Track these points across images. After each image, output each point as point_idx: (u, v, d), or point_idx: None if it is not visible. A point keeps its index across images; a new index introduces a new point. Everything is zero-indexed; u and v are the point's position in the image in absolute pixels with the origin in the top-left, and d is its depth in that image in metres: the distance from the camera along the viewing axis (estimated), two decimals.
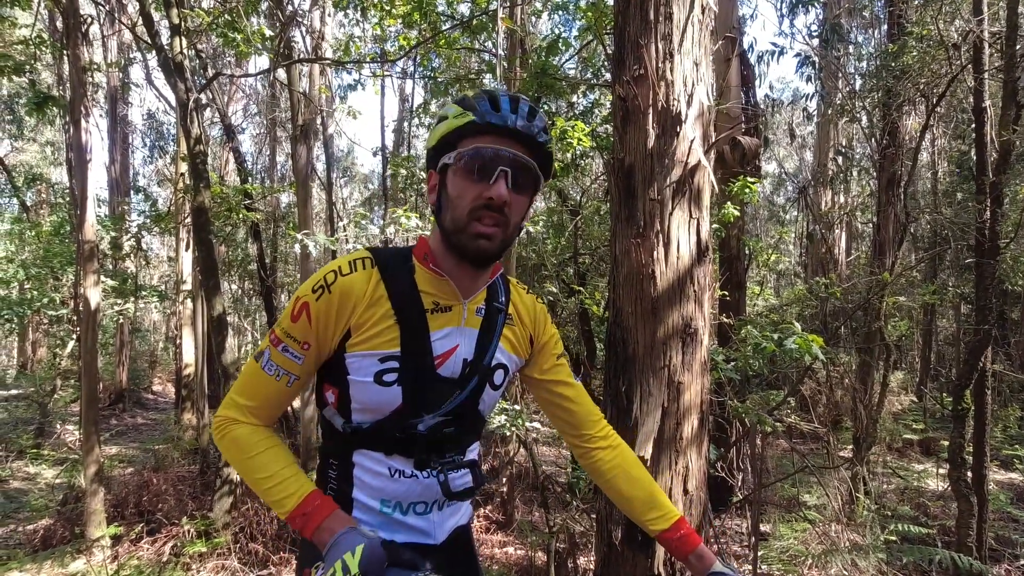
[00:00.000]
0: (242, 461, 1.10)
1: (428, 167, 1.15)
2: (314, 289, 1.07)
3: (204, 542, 4.71)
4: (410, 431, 1.10)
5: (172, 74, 4.30)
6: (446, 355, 1.12)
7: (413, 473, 1.12)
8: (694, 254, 2.33)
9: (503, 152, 1.05)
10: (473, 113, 1.06)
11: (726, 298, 5.95)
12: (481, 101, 1.07)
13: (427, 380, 1.10)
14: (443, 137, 1.09)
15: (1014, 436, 9.62)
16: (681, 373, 2.29)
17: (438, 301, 1.12)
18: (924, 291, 7.09)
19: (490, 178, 1.05)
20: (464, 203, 1.05)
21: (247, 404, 1.12)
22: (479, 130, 1.05)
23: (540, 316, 1.28)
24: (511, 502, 5.88)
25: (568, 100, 7.53)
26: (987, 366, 3.93)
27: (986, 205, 3.44)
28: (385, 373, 1.07)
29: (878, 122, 6.86)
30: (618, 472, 1.28)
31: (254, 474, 1.09)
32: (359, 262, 1.10)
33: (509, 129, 1.06)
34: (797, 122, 16.47)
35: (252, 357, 1.15)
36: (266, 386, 1.11)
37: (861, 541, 4.49)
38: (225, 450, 1.13)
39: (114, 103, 12.61)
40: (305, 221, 5.55)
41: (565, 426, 1.31)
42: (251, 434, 1.11)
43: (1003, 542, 5.03)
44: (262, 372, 1.11)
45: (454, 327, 1.13)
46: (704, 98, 2.41)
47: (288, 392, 1.12)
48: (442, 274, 1.12)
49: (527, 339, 1.25)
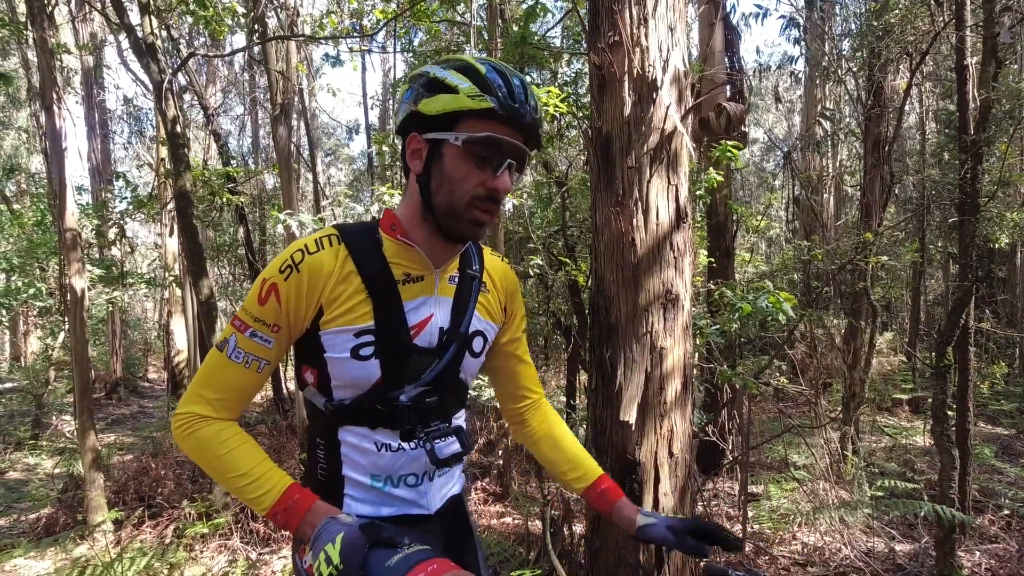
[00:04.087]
0: (211, 461, 1.05)
1: (411, 129, 1.08)
2: (281, 269, 1.04)
3: (205, 523, 4.77)
4: (392, 403, 1.10)
5: (144, 55, 4.21)
6: (421, 325, 1.11)
7: (400, 445, 1.12)
8: (673, 220, 2.34)
9: (516, 145, 1.04)
10: (492, 98, 1.00)
11: (714, 265, 5.97)
12: (497, 84, 1.01)
13: (404, 351, 1.09)
14: (449, 112, 1.01)
15: (1000, 392, 9.80)
16: (663, 338, 2.32)
17: (409, 272, 1.11)
18: (909, 250, 7.15)
19: (497, 169, 1.03)
20: (466, 188, 1.03)
21: (214, 397, 1.07)
22: (493, 116, 1.01)
23: (511, 284, 1.28)
24: (507, 474, 5.97)
25: (551, 70, 7.44)
26: (970, 322, 3.99)
27: (967, 162, 3.45)
28: (361, 348, 1.06)
29: (863, 83, 6.82)
30: (543, 436, 1.35)
31: (226, 474, 1.05)
32: (325, 239, 1.07)
33: (524, 123, 1.03)
34: (785, 86, 16.33)
35: (214, 347, 1.09)
36: (234, 376, 1.07)
37: (849, 498, 4.61)
38: (191, 451, 1.07)
39: (90, 88, 12.35)
40: (289, 202, 5.50)
41: (507, 397, 1.37)
42: (219, 432, 1.06)
43: (987, 493, 5.16)
44: (228, 361, 1.06)
45: (427, 296, 1.12)
46: (680, 63, 2.39)
47: (258, 379, 1.09)
48: (411, 244, 1.10)
49: (500, 305, 1.26)
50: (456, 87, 1.00)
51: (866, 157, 7.00)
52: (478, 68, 1.02)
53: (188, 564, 4.42)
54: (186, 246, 4.81)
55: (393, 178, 8.07)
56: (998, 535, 4.39)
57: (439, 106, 1.01)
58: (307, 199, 14.96)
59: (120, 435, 9.42)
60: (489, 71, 1.02)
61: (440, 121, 1.03)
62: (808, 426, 5.19)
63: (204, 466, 1.07)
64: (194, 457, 1.08)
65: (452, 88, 1.01)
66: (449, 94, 1.01)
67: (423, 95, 1.04)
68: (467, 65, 1.03)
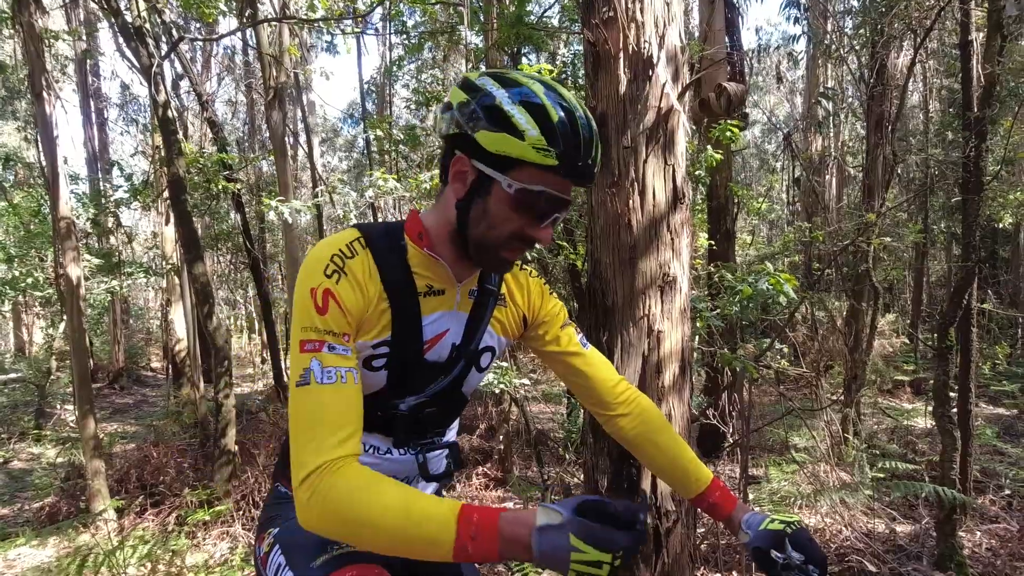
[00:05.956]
0: (363, 524, 0.83)
1: (460, 148, 0.99)
2: (328, 275, 0.96)
3: (207, 511, 4.79)
4: (391, 411, 1.08)
5: (132, 39, 4.13)
6: (434, 340, 1.08)
7: (389, 450, 1.12)
8: (670, 201, 2.29)
9: (566, 200, 0.99)
10: (556, 155, 0.92)
11: (714, 248, 5.92)
12: (566, 135, 0.92)
13: (413, 365, 1.06)
14: (506, 156, 0.93)
15: (1002, 372, 9.78)
16: (660, 321, 2.28)
17: (431, 284, 1.06)
18: (912, 230, 7.08)
19: (542, 221, 0.99)
20: (504, 231, 0.98)
21: (329, 437, 0.88)
22: (553, 171, 0.94)
23: (535, 291, 1.23)
24: (508, 459, 5.98)
25: (550, 52, 7.33)
26: (972, 303, 3.95)
27: (971, 140, 3.38)
28: (375, 359, 1.02)
29: (866, 61, 6.71)
30: (641, 440, 1.25)
31: (385, 521, 0.83)
32: (355, 243, 1.01)
33: (583, 179, 0.97)
34: (786, 66, 16.14)
35: (294, 389, 0.92)
36: (337, 399, 0.91)
37: (850, 480, 4.60)
38: (333, 522, 0.84)
39: (84, 75, 12.22)
40: (284, 187, 5.45)
41: (583, 395, 1.27)
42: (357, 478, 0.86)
43: (988, 474, 5.16)
44: (325, 387, 0.90)
45: (446, 311, 1.09)
46: (676, 39, 2.32)
47: (358, 391, 0.94)
48: (438, 257, 1.05)
49: (519, 319, 1.21)
50: (523, 132, 0.92)
51: (869, 137, 6.91)
52: (549, 112, 0.93)
53: (190, 551, 4.44)
54: (181, 232, 4.77)
55: (388, 162, 8.00)
56: (999, 515, 4.39)
57: (500, 147, 0.93)
58: (307, 186, 14.89)
59: (122, 424, 9.46)
60: (560, 117, 0.93)
61: (495, 158, 0.95)
62: (809, 409, 5.18)
63: (352, 535, 0.86)
64: (337, 528, 0.85)
65: (519, 132, 0.92)
66: (513, 138, 0.92)
67: (482, 123, 0.94)
68: (539, 104, 0.93)
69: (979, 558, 3.72)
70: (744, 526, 1.13)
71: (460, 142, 0.98)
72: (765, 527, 1.10)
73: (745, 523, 1.14)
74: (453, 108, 0.98)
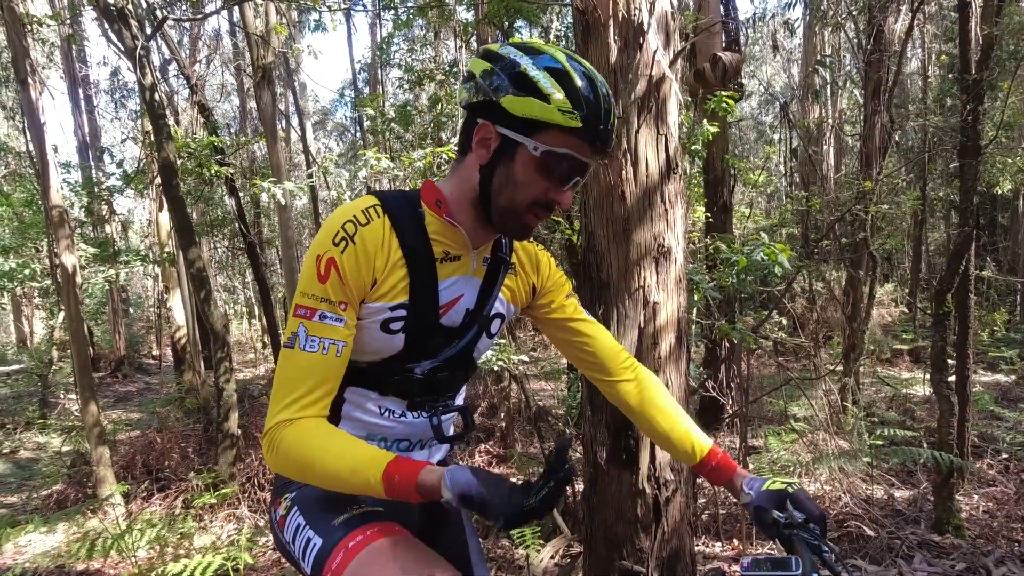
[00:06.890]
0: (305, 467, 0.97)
1: (484, 115, 1.02)
2: (335, 242, 0.99)
3: (213, 494, 4.84)
4: (407, 374, 1.11)
5: (116, 21, 4.06)
6: (450, 304, 1.11)
7: (404, 413, 1.14)
8: (663, 171, 2.26)
9: (587, 164, 1.03)
10: (581, 117, 0.96)
11: (711, 220, 5.89)
12: (589, 100, 0.97)
13: (430, 329, 1.10)
14: (532, 119, 0.97)
15: (1000, 339, 9.81)
16: (656, 293, 2.27)
17: (448, 250, 1.09)
18: (909, 197, 7.04)
19: (565, 184, 1.03)
20: (529, 194, 1.02)
21: (297, 397, 0.99)
22: (576, 133, 0.98)
23: (543, 261, 1.27)
24: (509, 435, 6.03)
25: (542, 26, 7.21)
26: (970, 269, 3.94)
27: (968, 103, 3.34)
28: (392, 321, 1.06)
29: (864, 27, 6.60)
30: (644, 406, 1.27)
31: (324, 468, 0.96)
32: (372, 210, 1.04)
33: (603, 144, 1.01)
34: (783, 35, 15.91)
35: (283, 348, 1.02)
36: (313, 367, 1.00)
37: (848, 447, 4.63)
38: (280, 465, 0.99)
39: (70, 61, 12.05)
40: (277, 169, 5.40)
41: (586, 362, 1.29)
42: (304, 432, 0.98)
43: (986, 439, 5.20)
44: (304, 354, 0.99)
45: (461, 276, 1.12)
46: (667, 5, 2.28)
47: (339, 364, 1.02)
48: (455, 224, 1.08)
49: (528, 287, 1.25)
50: (549, 96, 0.96)
51: (866, 104, 6.83)
52: (573, 77, 0.97)
53: (197, 533, 4.50)
54: (174, 218, 4.74)
55: (384, 143, 7.92)
56: (996, 479, 4.43)
57: (526, 111, 0.97)
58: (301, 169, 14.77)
59: (126, 411, 9.52)
60: (583, 83, 0.98)
61: (521, 122, 0.99)
62: (808, 378, 5.20)
63: (298, 476, 1.01)
64: (290, 472, 1.00)
65: (544, 95, 0.96)
66: (540, 101, 0.96)
67: (509, 89, 0.98)
68: (562, 70, 0.98)
69: (976, 520, 3.76)
70: (746, 487, 1.16)
71: (484, 109, 1.02)
72: (767, 488, 1.13)
73: (747, 484, 1.17)
74: (476, 77, 1.02)
